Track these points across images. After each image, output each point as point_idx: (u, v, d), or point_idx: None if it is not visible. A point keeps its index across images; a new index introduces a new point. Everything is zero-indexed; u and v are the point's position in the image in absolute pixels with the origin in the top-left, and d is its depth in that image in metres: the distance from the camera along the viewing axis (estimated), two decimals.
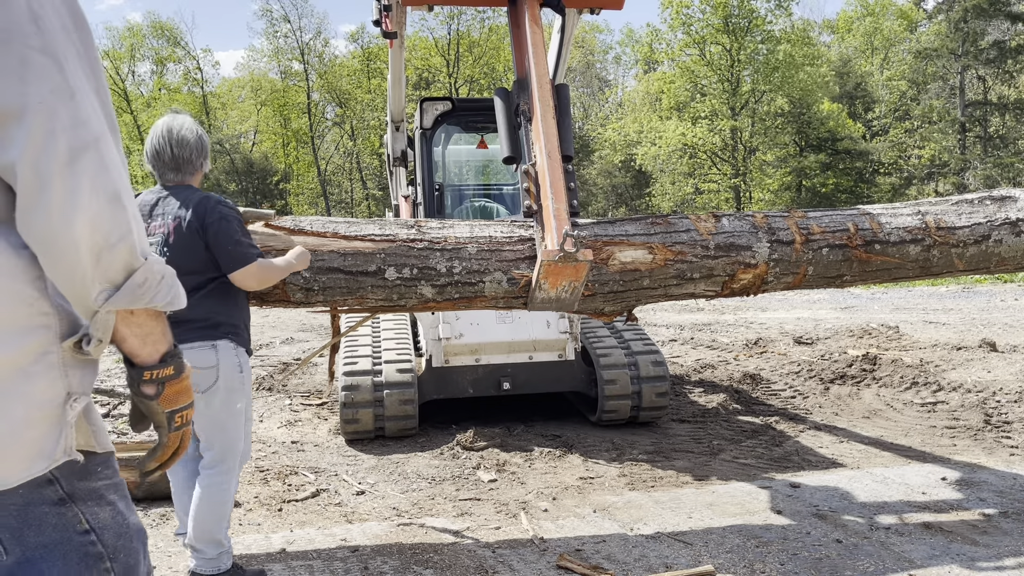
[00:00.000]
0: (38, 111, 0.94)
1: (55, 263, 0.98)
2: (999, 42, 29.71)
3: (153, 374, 1.12)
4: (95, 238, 0.98)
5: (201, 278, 2.64)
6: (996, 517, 3.50)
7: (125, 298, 1.03)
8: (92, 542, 1.06)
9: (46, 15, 0.97)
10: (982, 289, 16.02)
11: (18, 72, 0.93)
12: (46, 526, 1.02)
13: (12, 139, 0.93)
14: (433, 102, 5.94)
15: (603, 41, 48.96)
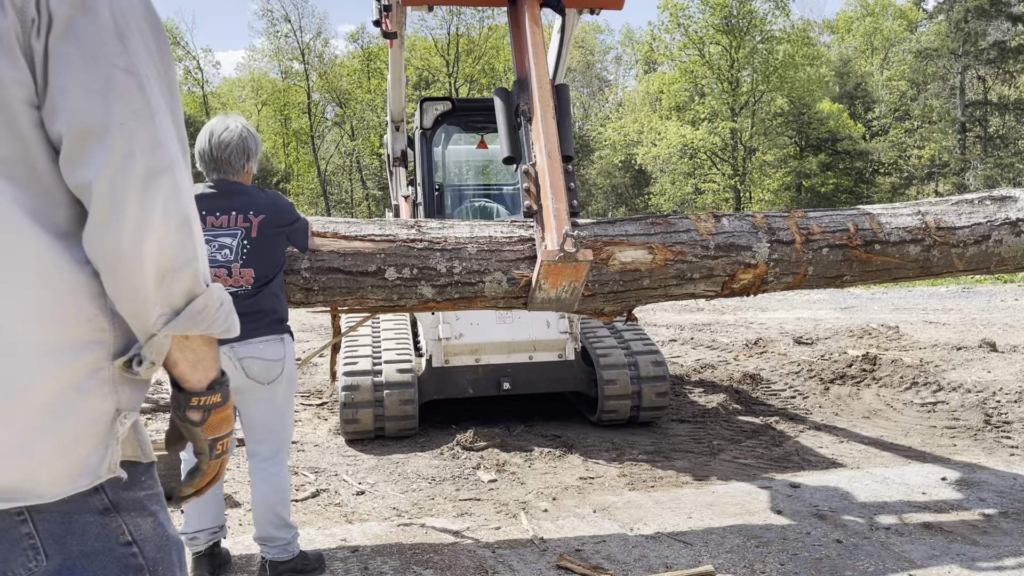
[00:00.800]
0: (119, 132, 0.94)
1: (119, 283, 0.98)
2: (999, 42, 29.71)
3: (201, 400, 1.11)
4: (161, 261, 0.98)
5: (273, 272, 2.80)
6: (996, 517, 3.50)
7: (184, 323, 1.03)
8: (133, 554, 1.05)
9: (131, 33, 0.98)
10: (982, 289, 16.03)
11: (102, 91, 0.94)
12: (89, 535, 1.01)
13: (91, 158, 0.94)
14: (433, 102, 5.94)
15: (603, 41, 49.00)
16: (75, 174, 0.95)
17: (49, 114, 0.94)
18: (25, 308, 0.94)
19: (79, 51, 0.94)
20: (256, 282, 2.75)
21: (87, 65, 0.94)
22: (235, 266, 2.73)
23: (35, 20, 0.93)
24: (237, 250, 2.74)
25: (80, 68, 0.94)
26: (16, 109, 0.94)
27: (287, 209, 2.88)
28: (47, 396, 0.96)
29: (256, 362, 2.75)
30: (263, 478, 2.86)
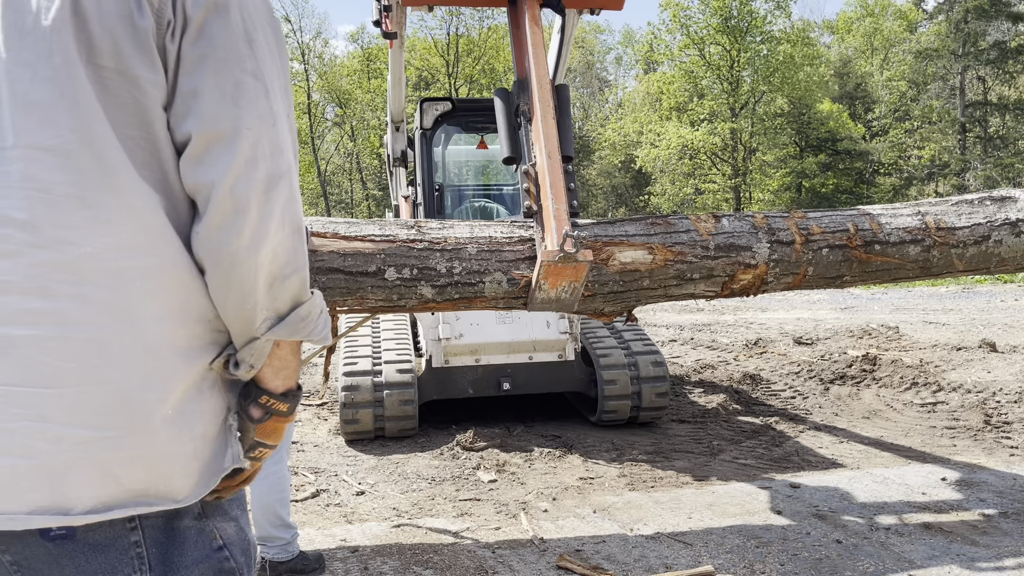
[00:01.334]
0: (246, 136, 0.95)
1: (230, 285, 0.98)
2: (1000, 43, 29.71)
3: (270, 402, 1.10)
4: (273, 267, 0.99)
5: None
6: (996, 517, 3.50)
7: (287, 329, 1.04)
8: (226, 558, 1.05)
9: (258, 38, 0.99)
10: (982, 289, 16.03)
11: (233, 96, 0.95)
12: (188, 542, 1.02)
13: (217, 160, 0.95)
14: (433, 102, 5.94)
15: (603, 41, 48.99)
16: (197, 175, 0.95)
17: (178, 115, 0.96)
18: (164, 311, 0.96)
19: (212, 54, 0.95)
20: None
21: (219, 69, 0.95)
22: None
23: (171, 22, 0.94)
24: None
25: (212, 72, 0.95)
26: (153, 113, 0.95)
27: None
28: (180, 396, 0.98)
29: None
30: (262, 477, 2.88)
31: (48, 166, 0.90)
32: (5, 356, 0.89)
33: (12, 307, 0.89)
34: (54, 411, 0.89)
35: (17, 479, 0.89)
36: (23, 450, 0.89)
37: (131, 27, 0.93)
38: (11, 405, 0.89)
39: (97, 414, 0.91)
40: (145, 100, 0.95)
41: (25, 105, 0.91)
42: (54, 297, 0.90)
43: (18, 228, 0.89)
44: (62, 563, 0.94)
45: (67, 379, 0.90)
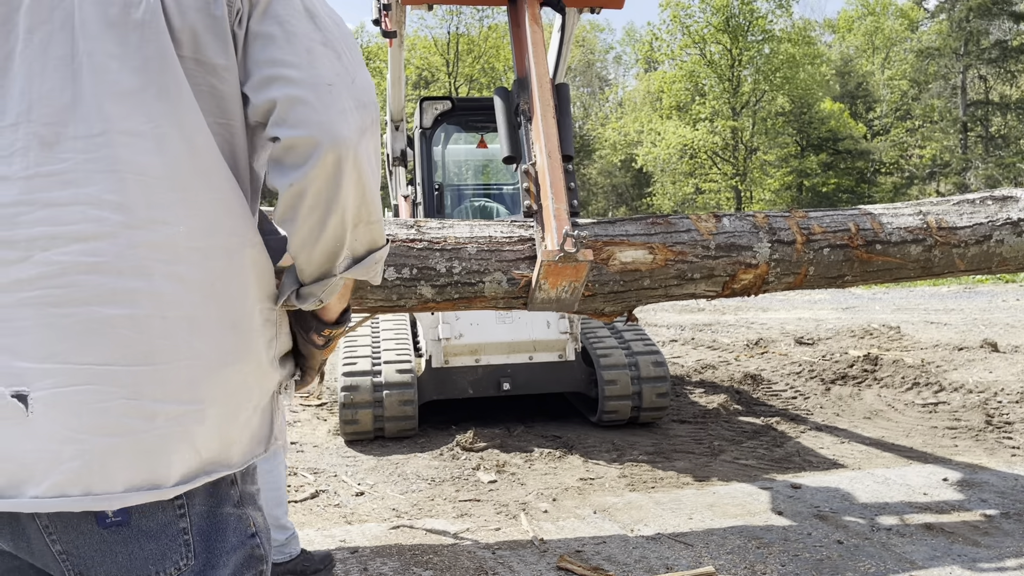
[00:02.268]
0: (328, 91, 1.01)
1: (324, 227, 1.04)
2: (1001, 42, 29.68)
3: (331, 332, 1.21)
4: (360, 211, 1.06)
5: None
6: (998, 518, 3.49)
7: (361, 270, 1.12)
8: (257, 544, 1.09)
9: (319, 13, 1.07)
10: (983, 289, 16.01)
11: (308, 60, 1.01)
12: (229, 528, 1.04)
13: (308, 118, 0.99)
14: (433, 101, 5.93)
15: (604, 40, 48.97)
16: (290, 131, 0.99)
17: (256, 86, 1.01)
18: (245, 289, 1.03)
19: (281, 30, 1.02)
20: None
21: (290, 41, 1.02)
22: None
23: (239, 10, 1.01)
24: None
25: (285, 44, 1.02)
26: (229, 99, 1.03)
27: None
28: (251, 369, 1.04)
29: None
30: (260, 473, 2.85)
31: (140, 150, 0.95)
32: (102, 335, 0.91)
33: (108, 287, 0.91)
34: (149, 388, 0.93)
35: (114, 458, 0.92)
36: (120, 428, 0.92)
37: (209, 17, 0.99)
38: (109, 384, 0.91)
39: (187, 389, 0.95)
40: (222, 86, 1.02)
41: (115, 94, 0.94)
42: (149, 276, 0.93)
43: (112, 210, 0.92)
44: (115, 550, 0.95)
45: (162, 356, 0.93)
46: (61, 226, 0.91)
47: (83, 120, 0.93)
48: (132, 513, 0.95)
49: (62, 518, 0.93)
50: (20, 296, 0.90)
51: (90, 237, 0.91)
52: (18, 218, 0.91)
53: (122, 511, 0.94)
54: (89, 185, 0.92)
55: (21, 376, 0.89)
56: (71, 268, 0.91)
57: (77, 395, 0.90)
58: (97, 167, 0.92)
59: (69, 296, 0.90)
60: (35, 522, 0.93)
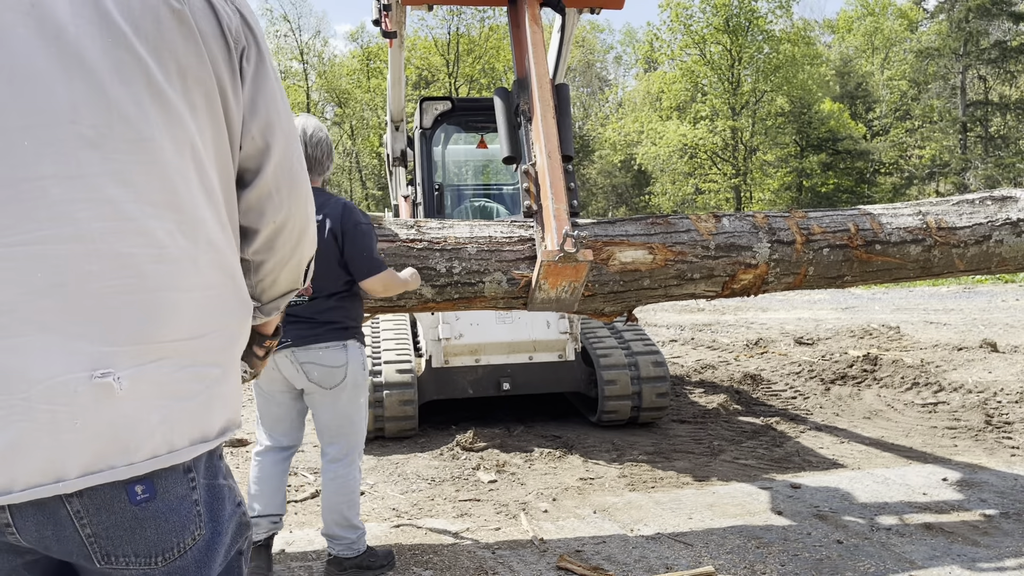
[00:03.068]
0: (288, 122, 1.22)
1: (305, 240, 1.29)
2: (1001, 42, 29.69)
3: (269, 344, 1.47)
4: (312, 231, 1.32)
5: (339, 283, 2.84)
6: (997, 518, 3.50)
7: (308, 277, 1.36)
8: (244, 512, 1.18)
9: (263, 44, 1.19)
10: (983, 289, 16.02)
11: (284, 108, 1.21)
12: (225, 499, 1.12)
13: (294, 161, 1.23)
14: (433, 102, 5.93)
15: (604, 41, 48.96)
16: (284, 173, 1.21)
17: (262, 126, 1.18)
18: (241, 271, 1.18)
19: (275, 79, 1.21)
20: (315, 292, 2.81)
21: (278, 91, 1.20)
22: None
23: (244, 48, 1.14)
24: None
25: (279, 93, 1.21)
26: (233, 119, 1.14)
27: (345, 223, 2.80)
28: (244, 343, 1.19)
29: (316, 367, 2.83)
30: (331, 479, 2.95)
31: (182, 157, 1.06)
32: (173, 317, 1.04)
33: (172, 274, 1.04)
34: (202, 355, 1.07)
35: (184, 419, 1.04)
36: (187, 393, 1.04)
37: (223, 47, 1.11)
38: (180, 356, 1.04)
39: (220, 354, 1.10)
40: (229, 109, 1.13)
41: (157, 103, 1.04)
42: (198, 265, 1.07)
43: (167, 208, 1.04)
44: (145, 526, 1.02)
45: (207, 328, 1.08)
46: (125, 222, 1.00)
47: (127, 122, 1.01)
48: (158, 488, 1.02)
49: (95, 500, 0.99)
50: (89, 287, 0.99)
51: (152, 232, 1.03)
52: (78, 214, 0.98)
53: (150, 487, 1.02)
54: (144, 185, 1.02)
55: (105, 359, 0.97)
56: (139, 259, 1.01)
57: (159, 369, 1.02)
58: (149, 169, 1.03)
59: (140, 285, 1.01)
60: (66, 508, 0.98)
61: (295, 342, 2.79)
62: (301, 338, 2.80)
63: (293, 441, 3.08)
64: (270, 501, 2.97)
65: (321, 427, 2.98)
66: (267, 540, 2.99)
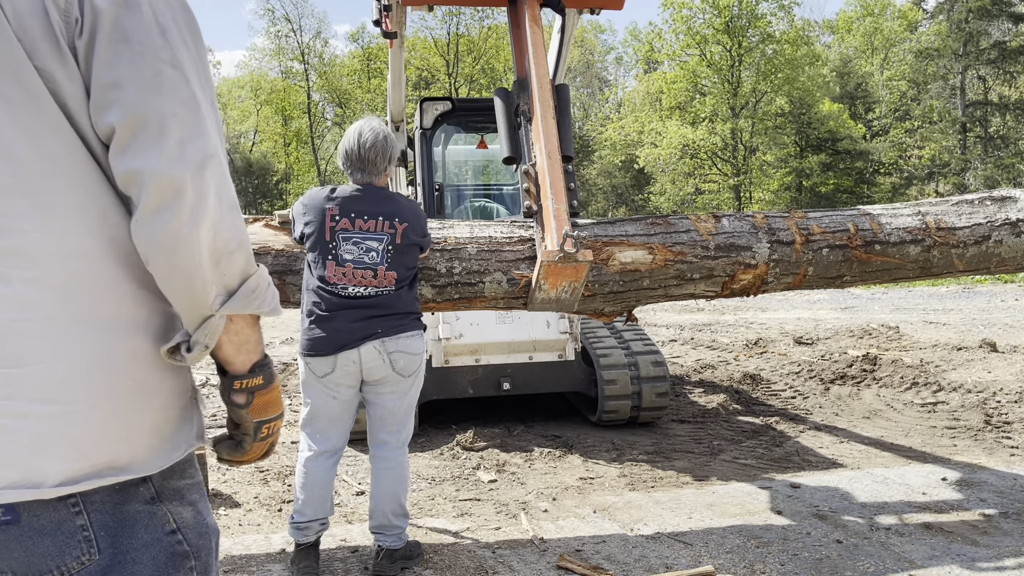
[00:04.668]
0: (172, 122, 0.98)
1: (175, 267, 1.01)
2: (1000, 43, 29.70)
3: (243, 383, 1.14)
4: (216, 243, 1.03)
5: (410, 274, 2.96)
6: (996, 517, 3.50)
7: (239, 303, 1.07)
8: (179, 541, 1.07)
9: (170, 29, 1.02)
10: (982, 289, 16.03)
11: (153, 85, 0.98)
12: (139, 525, 1.03)
13: (147, 147, 0.97)
14: (433, 102, 5.93)
15: (604, 41, 48.96)
16: (128, 162, 0.98)
17: (99, 107, 0.98)
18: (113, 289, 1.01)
19: (127, 47, 0.98)
20: (397, 284, 2.90)
21: (136, 60, 0.98)
22: (380, 268, 2.87)
23: (78, 19, 0.96)
24: (383, 254, 2.88)
25: (130, 63, 0.97)
26: (76, 109, 0.98)
27: (424, 222, 3.01)
28: (139, 371, 1.02)
29: (403, 356, 2.91)
30: (390, 467, 3.01)
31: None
32: None
33: None
34: (22, 388, 0.94)
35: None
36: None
37: (44, 24, 0.95)
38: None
39: (59, 389, 0.95)
40: (65, 97, 0.98)
41: None
42: (8, 282, 0.94)
43: None
44: (10, 547, 0.97)
45: (31, 357, 0.94)
46: None
47: None
48: (21, 512, 0.96)
49: None
50: None
51: None
52: None
53: (11, 510, 0.95)
54: None
55: None
56: None
57: None
58: None
59: None
60: None
61: (385, 332, 2.87)
62: (390, 328, 2.88)
63: (344, 442, 3.10)
64: (320, 506, 2.99)
65: (384, 416, 3.03)
66: (316, 542, 3.03)
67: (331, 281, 2.85)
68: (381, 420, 3.05)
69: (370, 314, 2.85)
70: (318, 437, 3.01)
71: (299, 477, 3.01)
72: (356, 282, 2.85)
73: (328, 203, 2.90)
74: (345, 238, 2.86)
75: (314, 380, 2.93)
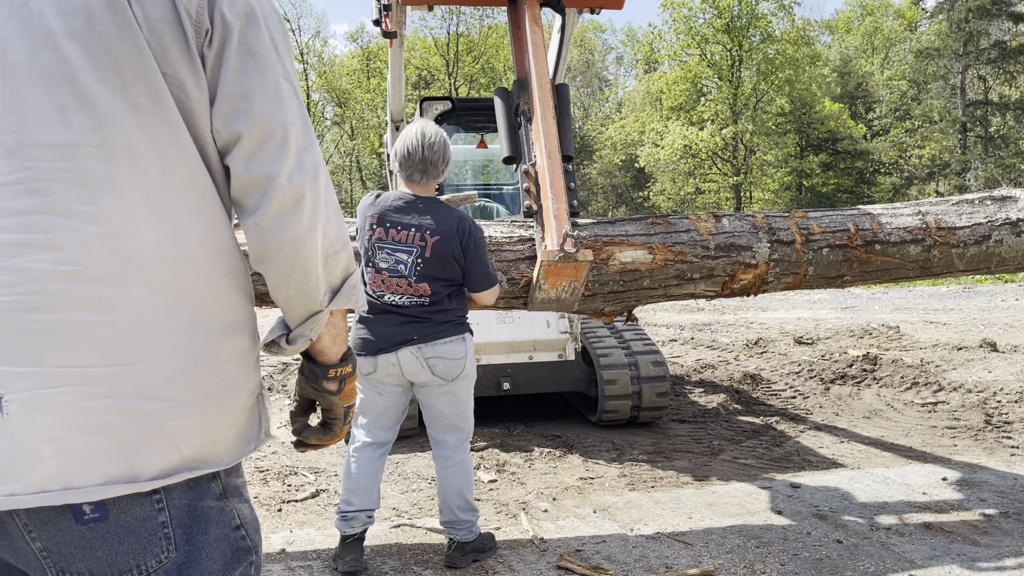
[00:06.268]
0: (291, 131, 1.05)
1: (294, 268, 1.09)
2: (1000, 42, 29.70)
3: (337, 372, 1.22)
4: (325, 244, 1.10)
5: (451, 284, 2.95)
6: (997, 517, 3.50)
7: (343, 299, 1.15)
8: (243, 536, 1.11)
9: (280, 44, 1.09)
10: (983, 289, 16.03)
11: (276, 97, 1.05)
12: (211, 522, 1.06)
13: (272, 156, 1.04)
14: (433, 102, 5.93)
15: (604, 41, 48.96)
16: (253, 169, 1.04)
17: (225, 115, 1.04)
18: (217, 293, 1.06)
19: (253, 60, 1.04)
20: (433, 294, 2.91)
21: (261, 73, 1.04)
22: (412, 280, 2.90)
23: (208, 31, 1.02)
24: (411, 266, 2.89)
25: (256, 76, 1.04)
26: (199, 114, 1.03)
27: (465, 235, 2.90)
28: (230, 369, 1.07)
29: (441, 361, 2.92)
30: (451, 465, 3.06)
31: (111, 162, 0.97)
32: (81, 339, 0.94)
33: (85, 294, 0.95)
34: (128, 386, 0.97)
35: (94, 454, 0.95)
36: (100, 426, 0.95)
37: (177, 33, 1.00)
38: (89, 384, 0.95)
39: (164, 387, 0.99)
40: (191, 103, 1.02)
41: (82, 105, 0.96)
42: (124, 284, 0.97)
43: (85, 221, 0.95)
44: (95, 546, 0.97)
45: (139, 356, 0.98)
46: (31, 234, 0.94)
47: (46, 127, 0.95)
48: (110, 509, 0.97)
49: (41, 516, 0.95)
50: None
51: (62, 246, 0.94)
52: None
53: (100, 507, 0.96)
54: (58, 195, 0.95)
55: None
56: (44, 275, 0.93)
57: (58, 396, 0.93)
58: (66, 177, 0.95)
59: (43, 303, 0.93)
60: (15, 520, 0.95)
61: (421, 339, 2.89)
62: (427, 335, 2.90)
63: (392, 435, 3.17)
64: (368, 497, 3.07)
65: (438, 417, 3.07)
66: (361, 533, 3.08)
67: (371, 287, 2.95)
68: (435, 420, 3.10)
69: (406, 321, 2.91)
70: (366, 430, 3.11)
71: (346, 467, 3.12)
72: (392, 290, 2.92)
73: (370, 210, 2.98)
74: (380, 247, 2.92)
75: (360, 376, 3.03)
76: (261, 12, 1.06)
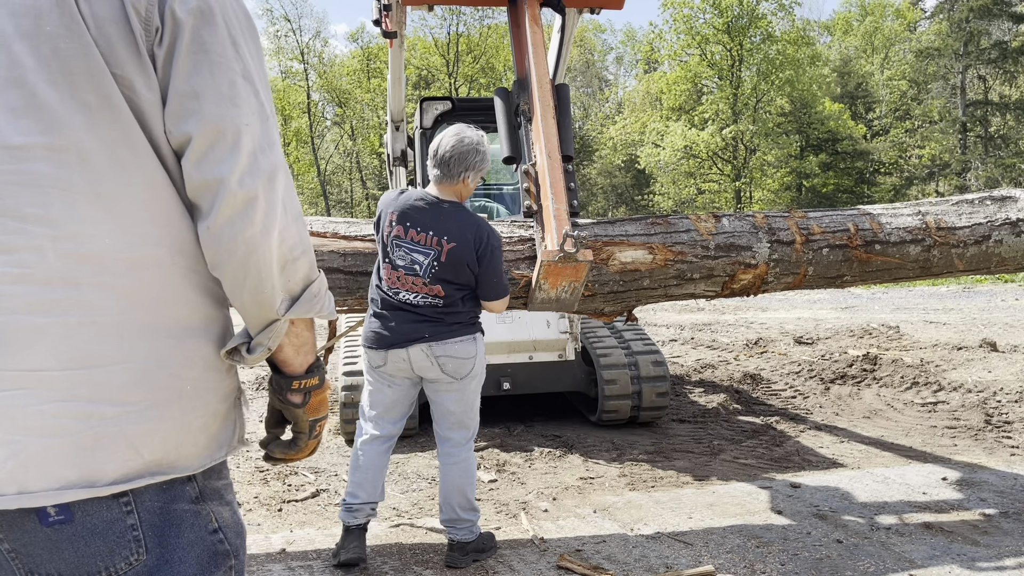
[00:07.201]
0: (246, 132, 1.01)
1: (247, 273, 1.04)
2: (1001, 42, 29.70)
3: (302, 383, 1.18)
4: (283, 250, 1.06)
5: (465, 287, 2.96)
6: (997, 517, 3.50)
7: (302, 307, 1.11)
8: (220, 540, 1.09)
9: (240, 40, 1.05)
10: (982, 289, 16.03)
11: (230, 96, 1.01)
12: (185, 525, 1.05)
13: (223, 157, 1.00)
14: (433, 102, 5.93)
15: (604, 41, 48.96)
16: (204, 171, 1.00)
17: (175, 116, 1.00)
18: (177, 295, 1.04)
19: (206, 59, 1.00)
20: (446, 296, 2.93)
21: (215, 72, 1.00)
22: (427, 280, 2.91)
23: (159, 28, 0.98)
24: (427, 268, 2.91)
25: (208, 75, 1.00)
26: (149, 114, 1.00)
27: (483, 244, 2.89)
28: (196, 374, 1.04)
29: (451, 360, 2.94)
30: (454, 463, 3.07)
31: (62, 164, 0.95)
32: (33, 342, 0.93)
33: (37, 297, 0.93)
34: (83, 390, 0.95)
35: (48, 458, 0.93)
36: (55, 429, 0.94)
37: (125, 32, 0.97)
38: (45, 389, 0.93)
39: (121, 391, 0.97)
40: (142, 104, 1.00)
41: (31, 107, 0.95)
42: (77, 286, 0.95)
43: (36, 223, 0.94)
44: (61, 548, 0.97)
45: (95, 360, 0.96)
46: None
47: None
48: (75, 511, 0.96)
49: (7, 518, 0.94)
50: None
51: (14, 249, 0.93)
52: None
53: (64, 509, 0.95)
54: (9, 198, 0.93)
55: None
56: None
57: (10, 399, 0.92)
58: (17, 180, 0.94)
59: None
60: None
61: (432, 337, 2.92)
62: (438, 333, 2.92)
63: (399, 429, 3.19)
64: (372, 489, 3.10)
65: (445, 415, 3.08)
66: (364, 524, 3.10)
67: (387, 283, 2.96)
68: (442, 417, 3.11)
69: (419, 319, 2.93)
70: (374, 422, 3.13)
71: (353, 459, 3.14)
72: (408, 288, 2.93)
73: (392, 205, 2.99)
74: (397, 244, 2.94)
75: (370, 369, 3.09)
76: (220, 9, 1.02)
